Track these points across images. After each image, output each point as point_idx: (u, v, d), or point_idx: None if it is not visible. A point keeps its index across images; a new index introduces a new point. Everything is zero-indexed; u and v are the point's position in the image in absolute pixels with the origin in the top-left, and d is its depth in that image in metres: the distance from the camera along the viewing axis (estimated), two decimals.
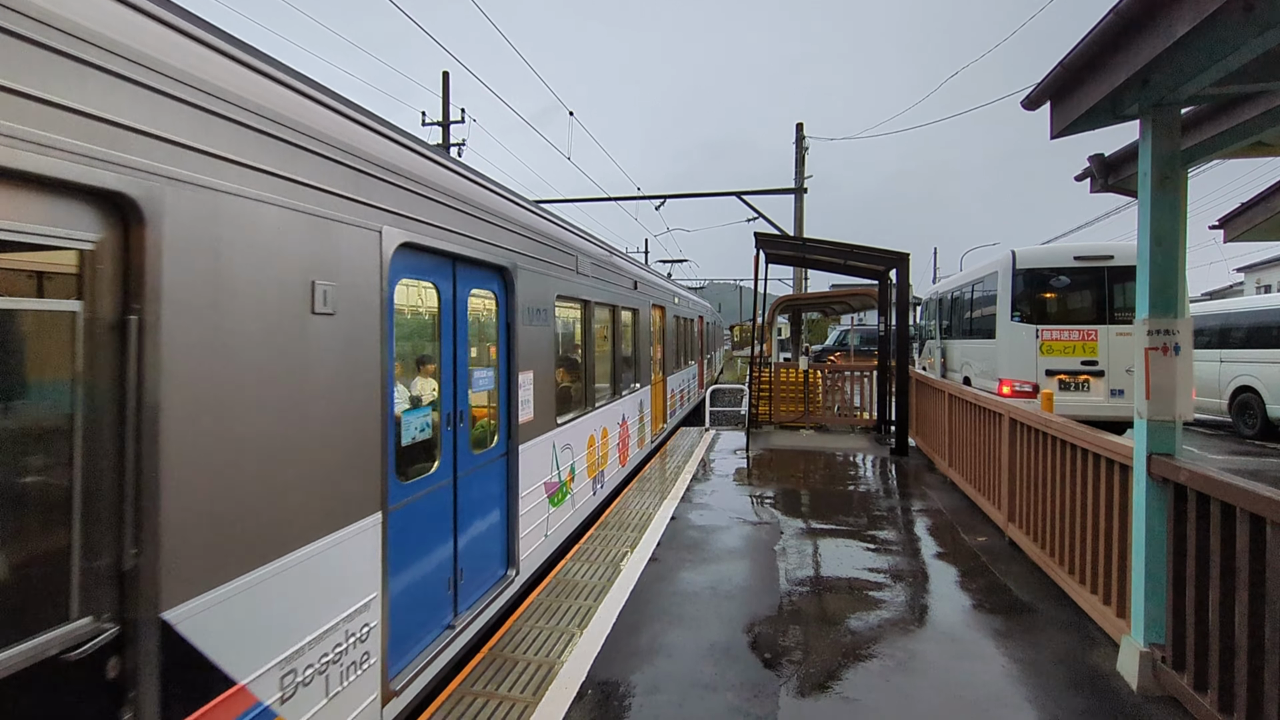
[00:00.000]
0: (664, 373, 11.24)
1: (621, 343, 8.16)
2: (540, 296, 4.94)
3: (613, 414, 7.45)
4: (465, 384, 3.85)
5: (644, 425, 9.29)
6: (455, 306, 3.75)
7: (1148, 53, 2.67)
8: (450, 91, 17.90)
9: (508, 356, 4.43)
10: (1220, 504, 2.80)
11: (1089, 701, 3.20)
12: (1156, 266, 3.28)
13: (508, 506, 4.44)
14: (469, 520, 3.87)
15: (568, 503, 5.63)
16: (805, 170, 18.41)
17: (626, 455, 8.13)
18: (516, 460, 4.46)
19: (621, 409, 7.91)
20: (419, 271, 3.41)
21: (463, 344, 3.82)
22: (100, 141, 1.66)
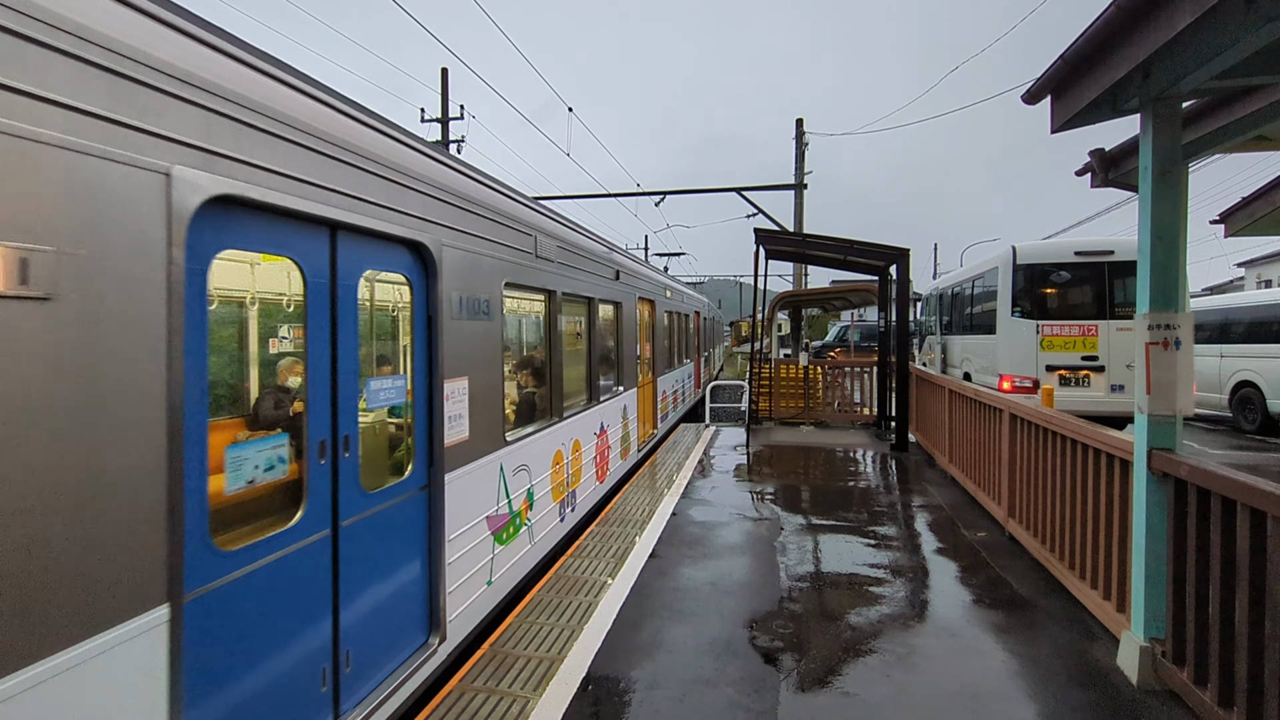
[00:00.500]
0: (654, 373, 10.32)
1: (600, 341, 7.25)
2: (480, 284, 4.04)
3: (587, 423, 6.53)
4: (351, 399, 2.85)
5: (629, 433, 8.40)
6: (335, 293, 2.76)
7: (1149, 46, 2.66)
8: (449, 88, 17.86)
9: (428, 360, 3.48)
10: (1221, 499, 2.80)
11: (1089, 696, 3.21)
12: (1157, 261, 3.27)
13: (429, 555, 3.49)
14: (361, 583, 2.93)
15: (523, 536, 4.72)
16: (805, 166, 18.38)
17: (606, 469, 7.24)
18: (441, 494, 3.51)
19: (600, 416, 7.01)
20: (263, 241, 2.45)
21: (348, 344, 2.83)
22: None
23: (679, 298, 13.30)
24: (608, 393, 7.49)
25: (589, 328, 6.82)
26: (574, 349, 6.56)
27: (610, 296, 7.46)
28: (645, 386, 9.70)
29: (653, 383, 10.30)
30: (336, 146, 2.75)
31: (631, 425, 8.60)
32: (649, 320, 10.12)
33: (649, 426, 9.96)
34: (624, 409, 8.12)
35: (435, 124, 17.99)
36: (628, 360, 8.37)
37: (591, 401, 6.76)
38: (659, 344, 10.80)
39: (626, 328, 8.32)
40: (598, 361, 7.03)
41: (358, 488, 2.89)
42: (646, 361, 9.97)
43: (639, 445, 9.04)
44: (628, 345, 8.38)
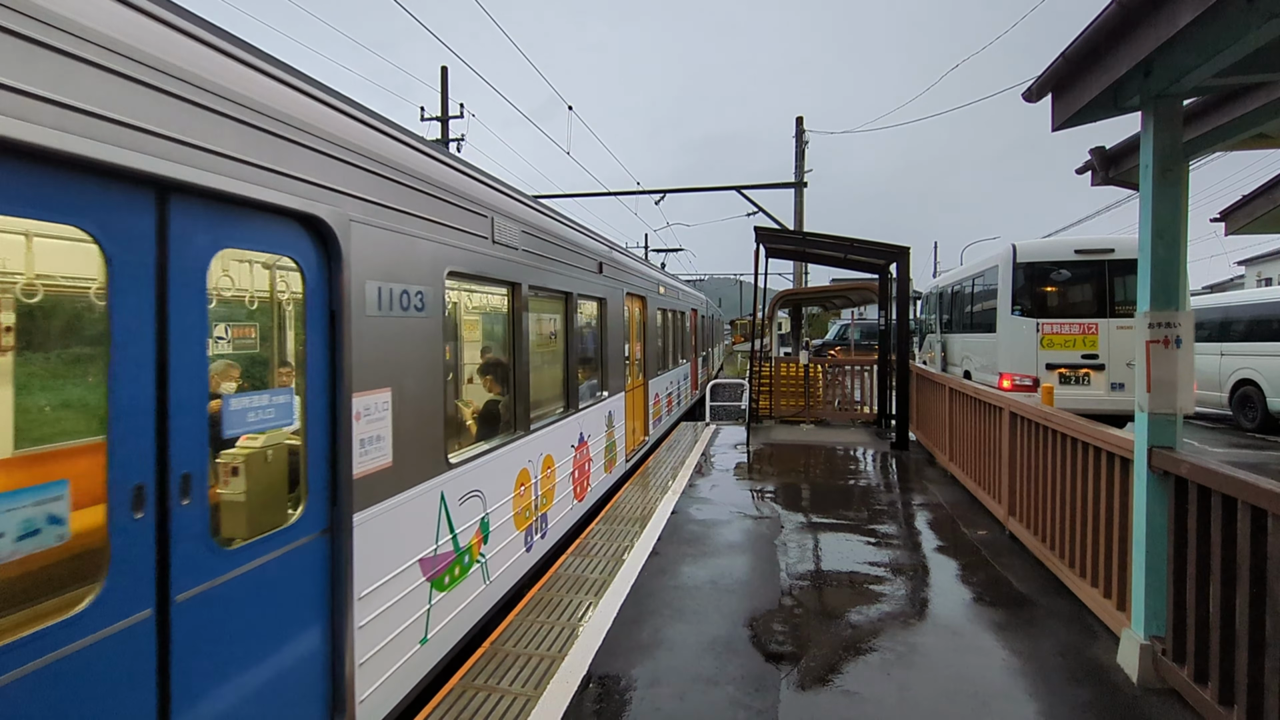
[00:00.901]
0: (645, 376, 9.63)
1: (580, 341, 6.52)
2: (411, 272, 3.29)
3: (563, 434, 5.75)
4: (195, 423, 2.15)
5: (615, 442, 7.58)
6: (165, 278, 2.07)
7: (1150, 43, 2.66)
8: (449, 87, 17.84)
9: (329, 368, 2.74)
10: (1221, 497, 2.80)
11: (1089, 694, 3.21)
12: (1158, 259, 3.27)
13: (330, 620, 2.75)
14: (211, 677, 2.20)
15: (474, 577, 3.94)
16: (805, 164, 18.37)
17: (586, 486, 6.46)
18: (349, 539, 2.77)
19: (579, 426, 6.23)
20: (24, 202, 1.73)
21: (188, 348, 2.13)
22: None
23: (674, 294, 12.46)
24: (589, 399, 6.70)
25: (566, 326, 6.03)
26: (547, 350, 5.74)
27: (592, 292, 6.71)
28: (635, 390, 9.00)
29: (643, 386, 9.57)
30: (168, 75, 2.03)
31: (619, 433, 7.77)
32: (640, 318, 9.45)
33: (639, 433, 9.25)
34: (609, 416, 7.34)
35: (435, 122, 17.99)
36: (614, 362, 7.60)
37: (569, 410, 6.02)
38: (651, 344, 10.06)
39: (612, 326, 7.54)
40: (577, 364, 6.25)
41: (207, 545, 2.17)
42: (637, 363, 9.30)
43: (628, 454, 8.32)
44: (614, 346, 7.61)
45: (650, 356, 10.02)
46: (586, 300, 6.65)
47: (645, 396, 9.70)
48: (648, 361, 9.82)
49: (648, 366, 9.84)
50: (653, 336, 10.18)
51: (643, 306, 9.53)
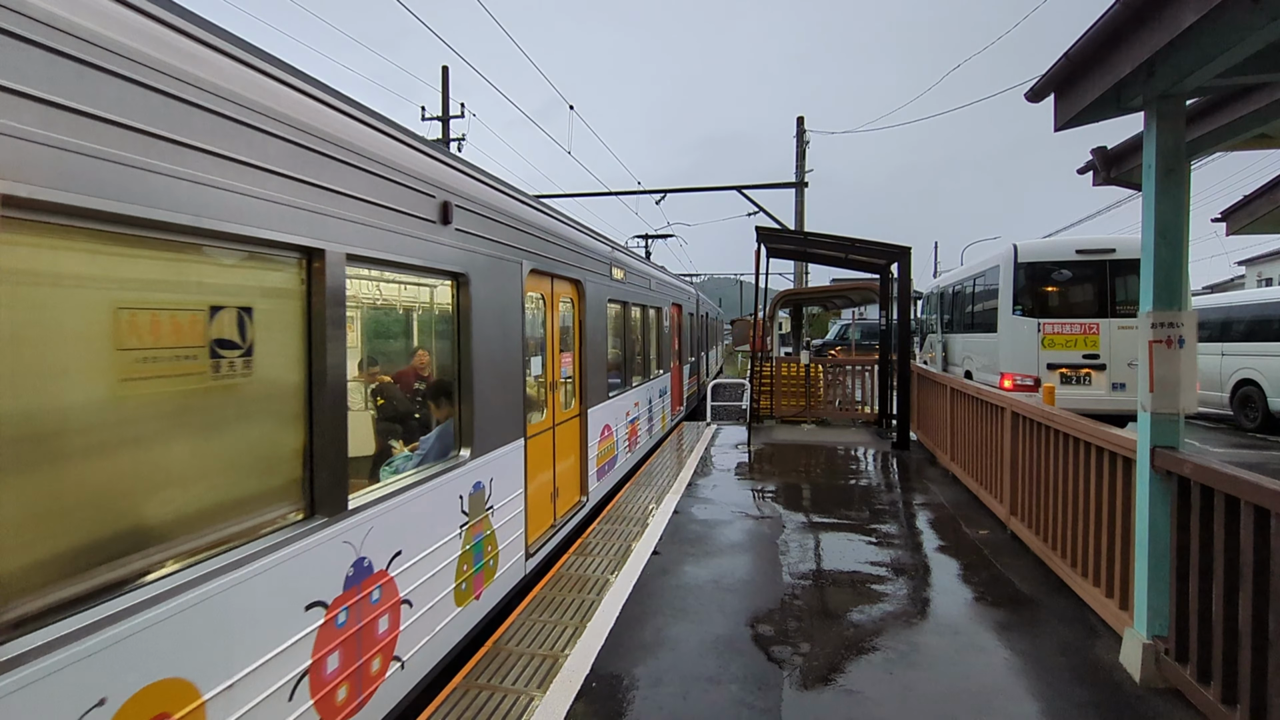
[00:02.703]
0: (584, 402, 6.44)
1: (386, 359, 4.28)
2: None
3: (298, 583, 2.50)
4: None
5: (481, 545, 4.05)
6: None
7: (1153, 43, 2.66)
8: (450, 86, 17.84)
9: None
10: (1224, 496, 2.80)
11: (1092, 693, 3.21)
12: (1161, 259, 3.27)
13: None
14: None
15: None
16: (806, 164, 18.37)
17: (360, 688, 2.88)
18: None
19: (329, 564, 2.69)
20: None
21: None
22: None
23: (644, 283, 9.34)
24: (411, 477, 3.40)
25: (311, 326, 2.67)
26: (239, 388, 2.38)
27: (430, 260, 3.49)
28: (568, 425, 6.03)
29: (581, 417, 6.40)
30: None
31: (504, 522, 4.34)
32: (577, 314, 6.37)
33: (571, 493, 6.08)
34: (464, 498, 3.82)
35: (436, 122, 17.99)
36: (494, 391, 4.25)
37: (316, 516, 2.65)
38: (594, 352, 6.70)
39: (493, 326, 4.27)
40: (328, 417, 2.69)
41: None
42: (565, 384, 6.09)
43: (530, 546, 4.85)
44: (501, 361, 4.36)
45: (593, 370, 6.68)
46: (413, 274, 3.55)
47: (583, 434, 6.43)
48: (587, 378, 6.49)
49: (588, 385, 6.51)
50: (595, 339, 6.76)
51: (577, 295, 6.35)
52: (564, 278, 5.91)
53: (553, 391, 5.66)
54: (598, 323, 6.88)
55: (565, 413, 6.03)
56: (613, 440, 7.49)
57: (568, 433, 6.07)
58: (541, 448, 5.33)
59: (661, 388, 10.84)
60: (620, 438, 7.85)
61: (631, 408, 8.52)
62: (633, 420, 8.58)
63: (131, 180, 1.86)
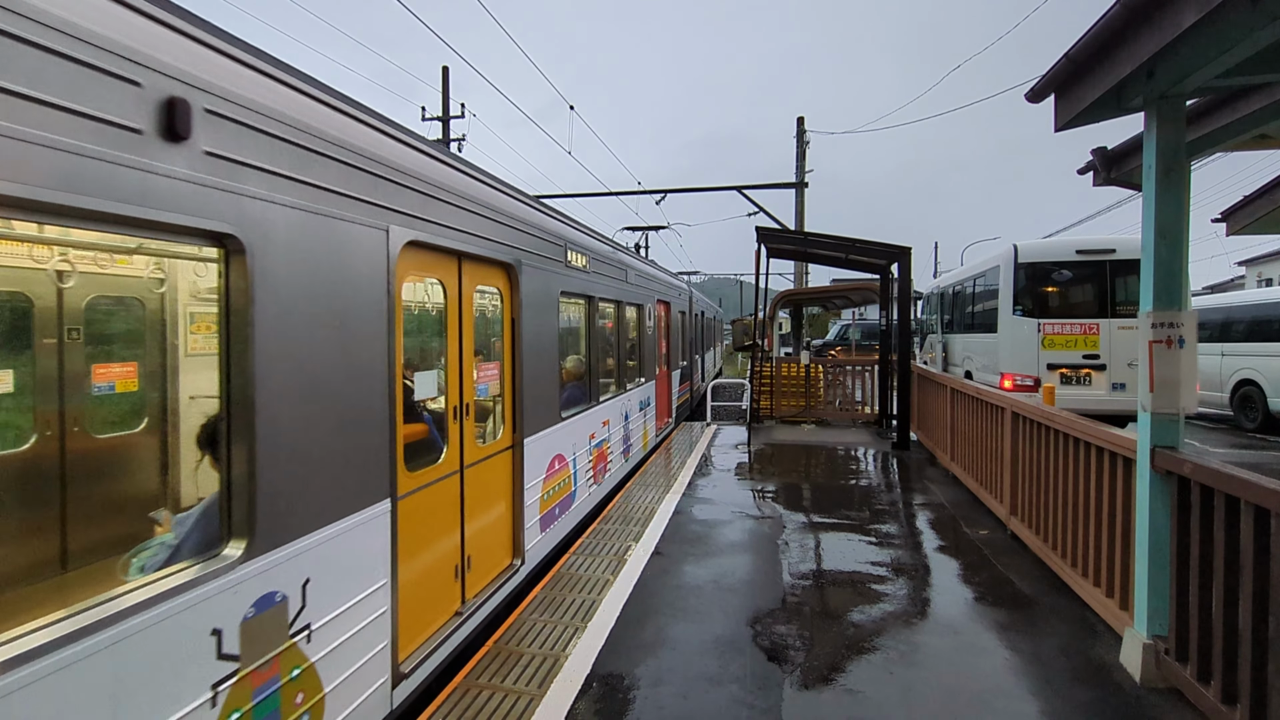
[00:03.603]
0: (521, 427, 4.76)
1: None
2: None
3: None
4: None
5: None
6: None
7: (1154, 44, 2.66)
8: (450, 86, 17.86)
9: None
10: (1225, 496, 2.81)
11: (1092, 693, 3.22)
12: (1161, 259, 3.28)
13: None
14: None
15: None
16: (806, 164, 18.38)
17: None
18: None
19: None
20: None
21: None
22: None
23: (617, 274, 7.66)
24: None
25: None
26: None
27: (71, 193, 1.74)
28: (486, 466, 4.28)
29: (515, 449, 4.74)
30: None
31: (339, 643, 2.74)
32: (506, 307, 4.71)
33: (495, 557, 4.44)
34: (225, 633, 2.17)
35: (436, 122, 18.01)
36: (315, 431, 2.63)
37: None
38: (536, 359, 5.04)
39: (316, 324, 2.67)
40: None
41: None
42: (487, 408, 4.59)
43: (407, 662, 3.29)
44: (331, 380, 2.74)
45: (536, 385, 5.02)
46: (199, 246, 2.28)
47: (517, 473, 4.73)
48: (526, 397, 4.80)
49: (525, 407, 4.79)
50: (543, 346, 5.16)
51: (509, 287, 4.67)
52: (484, 259, 4.18)
53: (459, 419, 3.89)
54: (544, 323, 5.19)
55: (485, 447, 4.27)
56: (568, 473, 5.78)
57: (489, 474, 4.31)
58: (433, 505, 3.58)
59: (643, 399, 9.18)
60: (580, 469, 6.14)
61: (599, 428, 6.84)
62: (600, 444, 6.88)
63: None
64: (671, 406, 11.90)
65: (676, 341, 12.57)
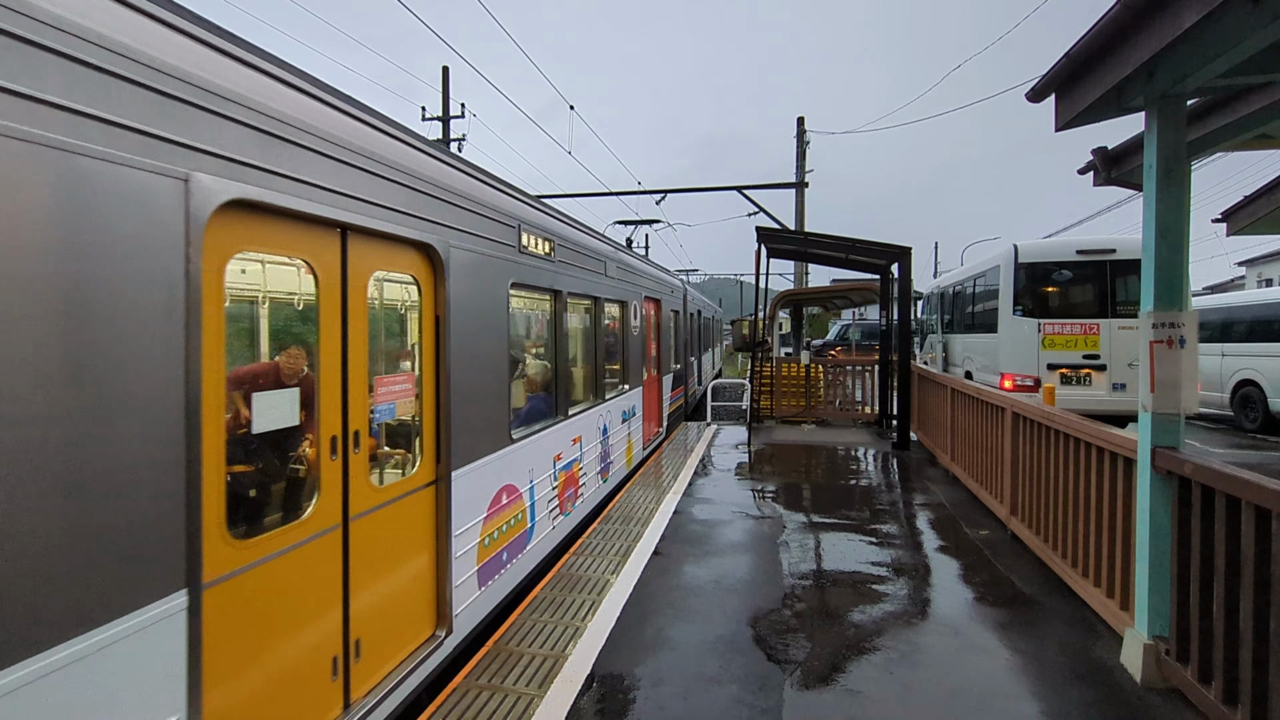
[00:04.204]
0: (448, 457, 3.64)
1: None
2: None
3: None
4: None
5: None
6: None
7: (1154, 44, 2.66)
8: (450, 86, 17.85)
9: None
10: (1225, 497, 2.81)
11: (1093, 693, 3.21)
12: (1162, 259, 3.28)
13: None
14: None
15: None
16: (806, 164, 18.38)
17: None
18: None
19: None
20: None
21: None
22: None
23: (593, 266, 6.66)
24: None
25: None
26: None
27: None
28: (391, 512, 3.21)
29: (434, 488, 3.60)
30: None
31: None
32: (427, 302, 3.62)
33: (407, 632, 3.35)
34: None
35: (436, 122, 18.00)
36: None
37: None
38: (473, 368, 3.98)
39: (43, 323, 1.67)
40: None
41: None
42: (392, 435, 3.52)
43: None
44: (58, 418, 1.70)
45: (472, 402, 3.98)
46: None
47: (442, 517, 3.65)
48: (455, 418, 3.72)
49: (453, 431, 3.69)
50: (485, 350, 4.12)
51: (431, 274, 3.62)
52: (387, 237, 3.15)
53: (341, 454, 2.85)
54: (487, 322, 4.11)
55: (388, 487, 3.20)
56: (522, 507, 4.66)
57: (396, 522, 3.24)
58: (288, 582, 2.57)
59: (627, 408, 8.06)
60: (540, 499, 5.02)
61: (567, 447, 5.73)
62: (569, 465, 5.78)
63: None
64: (662, 415, 10.81)
65: (668, 343, 11.48)
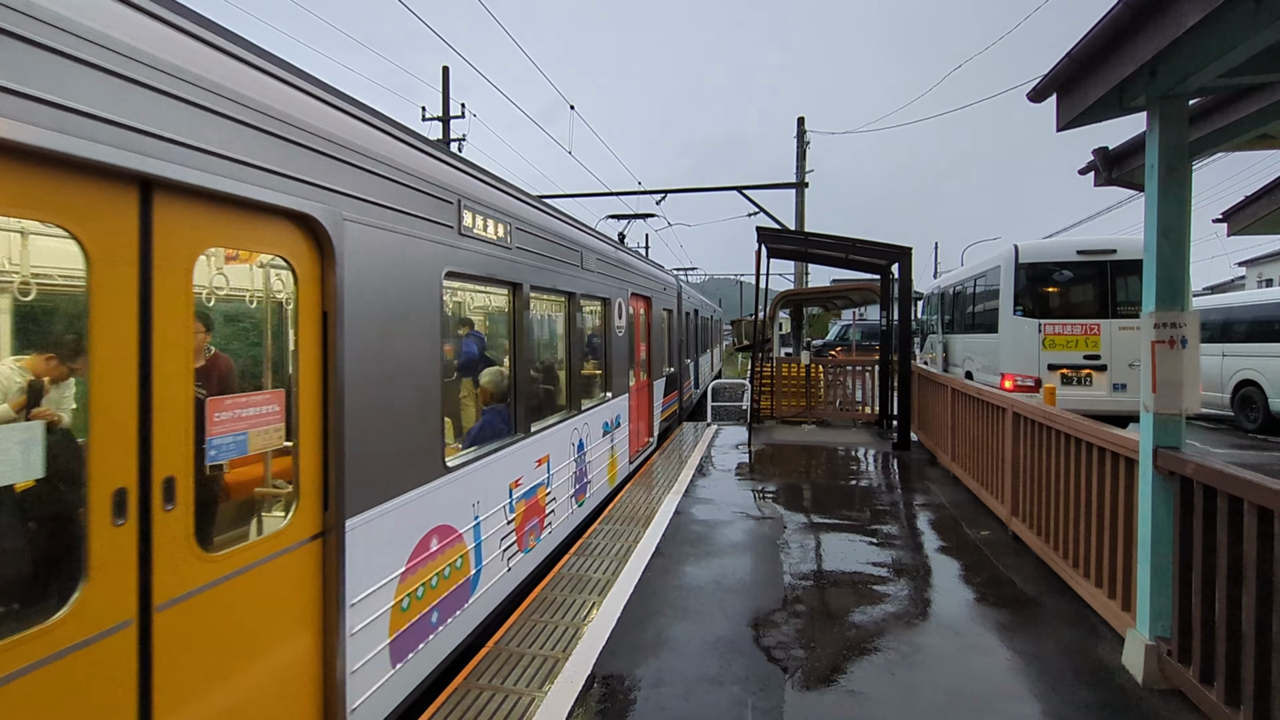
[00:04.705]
0: (343, 502, 2.72)
1: None
2: None
3: None
4: None
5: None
6: None
7: (1156, 43, 2.66)
8: (450, 87, 17.85)
9: None
10: (1227, 497, 2.80)
11: (1094, 694, 3.21)
12: (1164, 259, 3.27)
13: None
14: None
15: None
16: (806, 165, 18.38)
17: None
18: None
19: None
20: None
21: None
22: None
23: (566, 256, 5.76)
24: None
25: None
26: None
27: None
28: (260, 576, 2.39)
29: (323, 542, 2.71)
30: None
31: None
32: (308, 294, 2.67)
33: None
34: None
35: (436, 122, 18.00)
36: None
37: None
38: (391, 379, 3.07)
39: None
40: None
41: None
42: (293, 464, 2.59)
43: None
44: None
45: (401, 421, 3.15)
46: None
47: (330, 575, 2.71)
48: (351, 442, 2.78)
49: (356, 460, 2.82)
50: (414, 357, 3.29)
51: (317, 258, 2.70)
52: (232, 201, 2.31)
53: (143, 512, 1.99)
54: (408, 321, 3.23)
55: (235, 553, 2.32)
56: (462, 551, 3.74)
57: (252, 600, 2.39)
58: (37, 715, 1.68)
59: (609, 419, 7.09)
60: (489, 537, 4.10)
61: (529, 470, 4.79)
62: (532, 492, 4.83)
63: None
64: (653, 424, 9.82)
65: (660, 345, 10.49)
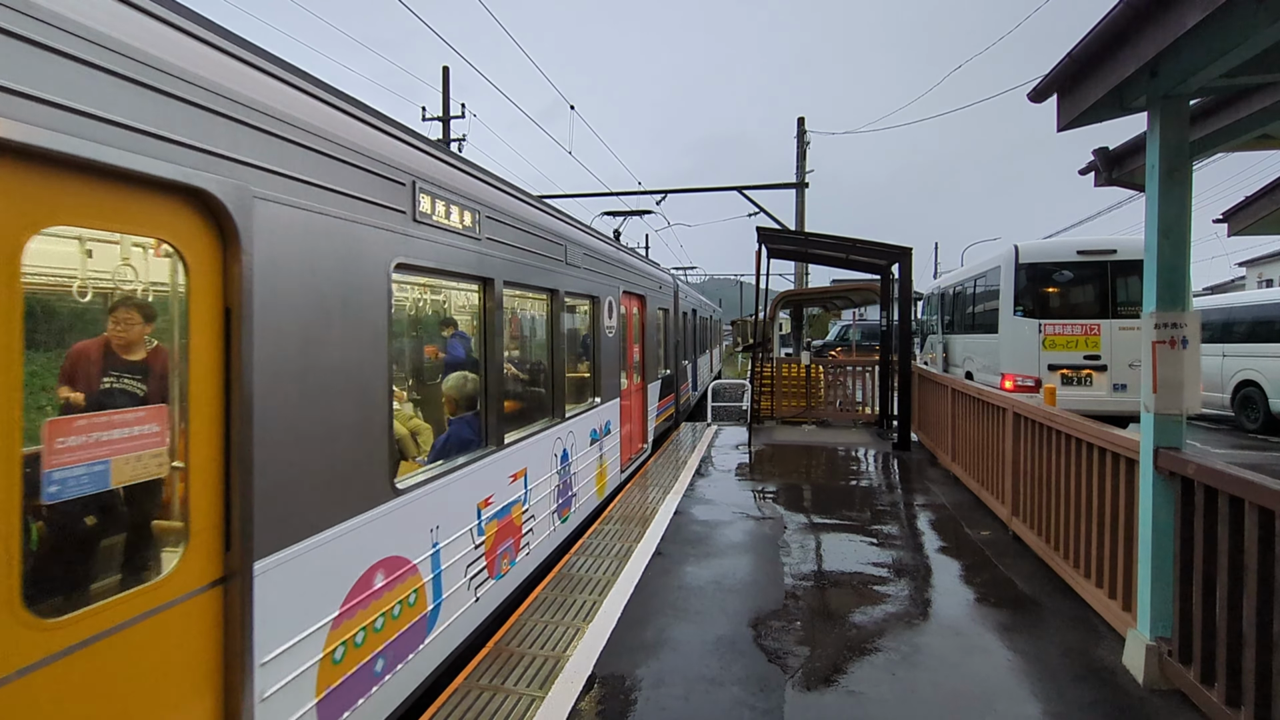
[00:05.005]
0: (251, 541, 2.21)
1: None
2: None
3: None
4: None
5: None
6: None
7: (1157, 43, 2.65)
8: (451, 87, 17.85)
9: None
10: (1228, 497, 2.80)
11: (1095, 694, 3.21)
12: (1164, 259, 3.27)
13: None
14: None
15: None
16: (806, 165, 18.38)
17: None
18: None
19: None
20: None
21: None
22: None
23: (550, 249, 5.29)
24: None
25: None
26: None
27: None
28: (119, 644, 1.80)
29: (224, 593, 2.18)
30: None
31: None
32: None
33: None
34: None
35: (437, 122, 18.00)
36: None
37: None
38: (322, 389, 2.56)
39: None
40: None
41: None
42: (177, 495, 2.06)
43: None
44: None
45: (332, 438, 2.62)
46: None
47: (233, 632, 2.19)
48: (263, 465, 2.27)
49: (266, 489, 2.28)
50: (352, 361, 2.76)
51: (216, 244, 2.16)
52: (85, 166, 1.73)
53: None
54: (343, 320, 2.74)
55: (84, 616, 1.73)
56: (416, 585, 3.25)
57: (113, 672, 1.80)
58: None
59: (597, 426, 6.68)
60: (451, 566, 3.60)
61: (502, 487, 4.31)
62: (505, 512, 4.34)
63: None
64: (647, 430, 9.29)
65: (654, 346, 10.02)
